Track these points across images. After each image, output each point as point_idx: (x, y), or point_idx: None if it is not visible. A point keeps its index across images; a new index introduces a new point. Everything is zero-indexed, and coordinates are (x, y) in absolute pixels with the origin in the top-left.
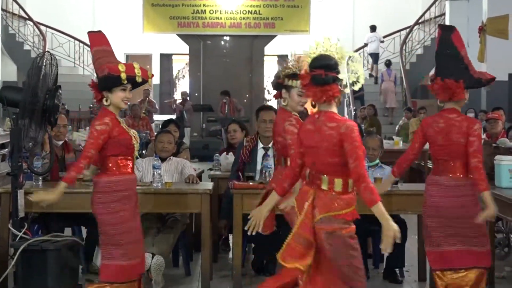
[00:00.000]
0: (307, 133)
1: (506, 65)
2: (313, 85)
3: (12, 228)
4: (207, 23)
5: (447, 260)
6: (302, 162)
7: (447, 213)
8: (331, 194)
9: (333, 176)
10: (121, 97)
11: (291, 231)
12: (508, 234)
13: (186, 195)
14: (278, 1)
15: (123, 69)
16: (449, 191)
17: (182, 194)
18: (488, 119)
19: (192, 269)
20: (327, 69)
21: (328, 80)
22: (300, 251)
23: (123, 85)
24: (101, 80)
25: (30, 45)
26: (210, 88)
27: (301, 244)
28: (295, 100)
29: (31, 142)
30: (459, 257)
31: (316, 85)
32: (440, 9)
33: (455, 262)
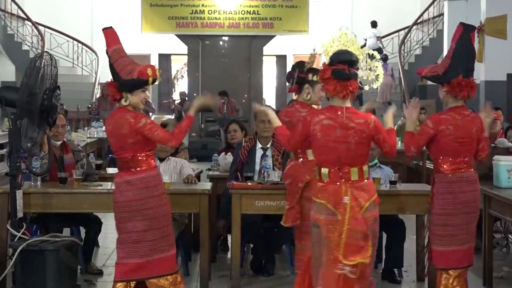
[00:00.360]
0: (327, 128)
1: (504, 65)
2: (334, 79)
3: (10, 229)
4: (205, 23)
5: (456, 259)
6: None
7: (469, 208)
8: (364, 182)
9: (361, 165)
10: (141, 98)
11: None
12: (506, 234)
13: (185, 195)
14: (277, 1)
15: (151, 73)
16: (470, 185)
17: (180, 194)
18: None
19: (191, 269)
20: (350, 64)
21: (351, 76)
22: (359, 246)
23: (144, 87)
24: (127, 82)
25: (28, 45)
26: (208, 88)
27: (358, 239)
28: (318, 95)
29: (30, 143)
30: (469, 254)
31: (338, 79)
32: (438, 9)
33: (464, 260)
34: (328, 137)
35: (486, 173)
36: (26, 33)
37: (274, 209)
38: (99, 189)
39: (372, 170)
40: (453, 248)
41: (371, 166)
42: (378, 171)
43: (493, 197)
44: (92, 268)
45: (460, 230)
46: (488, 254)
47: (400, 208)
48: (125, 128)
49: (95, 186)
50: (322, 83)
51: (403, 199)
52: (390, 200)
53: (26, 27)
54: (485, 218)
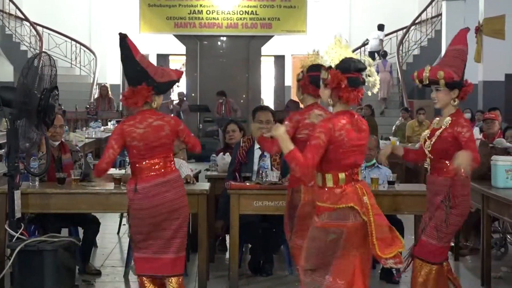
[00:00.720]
0: (350, 133)
1: (502, 65)
2: (349, 87)
3: (8, 229)
4: (203, 23)
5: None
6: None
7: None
8: (363, 180)
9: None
10: (162, 99)
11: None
12: (504, 234)
13: None
14: (275, 1)
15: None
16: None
17: None
18: (485, 119)
19: (189, 269)
20: (361, 72)
21: (363, 83)
22: (390, 238)
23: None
24: (164, 85)
25: (26, 45)
26: (207, 88)
27: (386, 232)
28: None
29: (28, 143)
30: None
31: (353, 87)
32: (437, 10)
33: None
34: (352, 141)
35: (485, 173)
36: (24, 33)
37: (272, 209)
38: (97, 189)
39: (370, 170)
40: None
41: (369, 166)
42: (376, 171)
43: (491, 197)
44: (90, 269)
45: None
46: (486, 254)
47: (398, 208)
48: (166, 130)
49: (93, 187)
50: (333, 90)
51: (401, 199)
52: (388, 200)
53: (24, 27)
54: (483, 218)
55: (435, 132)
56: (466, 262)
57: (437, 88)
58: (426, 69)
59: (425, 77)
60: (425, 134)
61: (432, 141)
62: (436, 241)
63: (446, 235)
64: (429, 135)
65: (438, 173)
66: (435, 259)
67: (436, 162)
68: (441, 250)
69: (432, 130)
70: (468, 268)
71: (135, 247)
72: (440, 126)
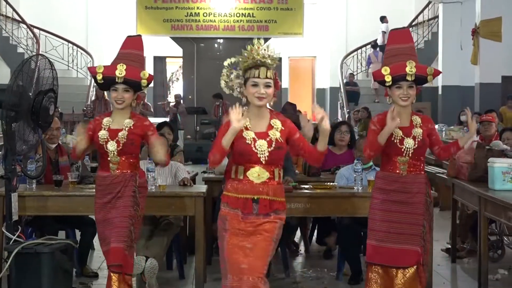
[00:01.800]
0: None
1: (499, 68)
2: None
3: (5, 231)
4: (200, 25)
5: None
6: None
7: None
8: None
9: None
10: (113, 97)
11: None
12: (501, 236)
13: (180, 198)
14: (272, 4)
15: (101, 70)
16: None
17: (176, 197)
18: (482, 121)
19: (186, 272)
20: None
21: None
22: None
23: (113, 86)
24: (94, 81)
25: (23, 48)
26: (203, 90)
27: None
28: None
29: (25, 145)
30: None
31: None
32: (433, 12)
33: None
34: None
35: (482, 175)
36: (21, 35)
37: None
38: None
39: (367, 172)
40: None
41: (366, 169)
42: (373, 173)
43: (488, 199)
44: (87, 271)
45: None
46: (483, 257)
47: None
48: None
49: (90, 189)
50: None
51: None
52: None
53: (21, 29)
54: (480, 221)
55: (411, 130)
56: (463, 265)
57: (410, 85)
58: (409, 64)
59: (411, 73)
60: (399, 134)
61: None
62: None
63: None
64: (402, 133)
65: (416, 171)
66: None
67: (416, 161)
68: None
69: (404, 129)
70: (465, 270)
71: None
72: (408, 124)
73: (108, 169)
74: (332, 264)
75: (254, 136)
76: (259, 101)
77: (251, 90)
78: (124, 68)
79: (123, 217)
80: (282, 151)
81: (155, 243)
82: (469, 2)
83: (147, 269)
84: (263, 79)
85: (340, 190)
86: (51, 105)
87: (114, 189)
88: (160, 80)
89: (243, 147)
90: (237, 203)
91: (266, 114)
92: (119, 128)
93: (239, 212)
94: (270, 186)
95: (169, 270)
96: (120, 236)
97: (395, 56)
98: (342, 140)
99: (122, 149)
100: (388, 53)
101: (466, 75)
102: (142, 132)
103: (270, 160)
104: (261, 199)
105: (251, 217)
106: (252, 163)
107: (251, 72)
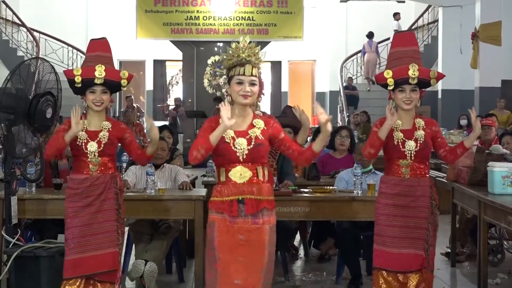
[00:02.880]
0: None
1: (498, 71)
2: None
3: (5, 235)
4: (200, 29)
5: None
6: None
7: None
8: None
9: None
10: (90, 99)
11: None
12: (501, 241)
13: (179, 202)
14: (272, 7)
15: (79, 73)
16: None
17: (175, 201)
18: (482, 125)
19: (186, 275)
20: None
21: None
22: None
23: (91, 88)
24: (70, 85)
25: (23, 51)
26: (203, 94)
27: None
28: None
29: (24, 149)
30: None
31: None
32: (433, 16)
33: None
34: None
35: (481, 179)
36: (21, 39)
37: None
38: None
39: (366, 176)
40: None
41: (366, 172)
42: (373, 177)
43: (487, 204)
44: None
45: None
46: (483, 261)
47: None
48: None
49: None
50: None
51: None
52: None
53: (21, 33)
54: (479, 225)
55: (413, 133)
56: (463, 269)
57: (413, 89)
58: (412, 67)
59: (414, 76)
60: (401, 137)
61: (418, 143)
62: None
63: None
64: (403, 136)
65: (420, 174)
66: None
67: (420, 163)
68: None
69: (406, 132)
70: (465, 275)
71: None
72: (411, 127)
73: (86, 171)
74: (332, 268)
75: (233, 135)
76: (244, 99)
77: (235, 88)
78: (103, 69)
79: (111, 221)
80: (262, 147)
81: (155, 247)
82: (469, 6)
83: (146, 273)
84: (248, 76)
85: (340, 194)
86: (47, 108)
87: (94, 192)
88: (159, 84)
89: (221, 146)
90: (222, 206)
91: (249, 113)
92: (97, 129)
93: (226, 216)
94: (255, 184)
95: (168, 273)
96: (112, 240)
97: (398, 59)
98: (343, 144)
99: (103, 150)
100: (392, 56)
101: (466, 79)
102: (120, 134)
103: (250, 158)
104: (246, 199)
105: (239, 220)
106: (232, 163)
107: (235, 69)
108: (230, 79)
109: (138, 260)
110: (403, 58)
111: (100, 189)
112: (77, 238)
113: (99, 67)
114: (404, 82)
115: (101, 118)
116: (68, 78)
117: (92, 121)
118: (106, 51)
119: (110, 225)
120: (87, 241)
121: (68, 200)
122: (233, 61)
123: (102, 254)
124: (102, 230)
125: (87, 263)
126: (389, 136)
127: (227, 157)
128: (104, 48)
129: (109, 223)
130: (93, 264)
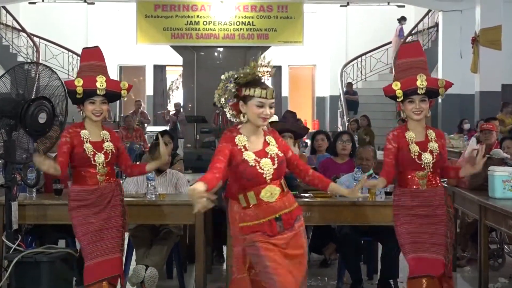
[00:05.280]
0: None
1: (499, 76)
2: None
3: (5, 240)
4: (200, 34)
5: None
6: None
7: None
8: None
9: None
10: (90, 110)
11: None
12: (501, 245)
13: (180, 207)
14: (272, 12)
15: (80, 83)
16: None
17: (175, 206)
18: (482, 130)
19: (186, 280)
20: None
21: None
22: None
23: (91, 98)
24: (69, 95)
25: (23, 56)
26: (203, 99)
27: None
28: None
29: (25, 154)
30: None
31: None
32: (433, 20)
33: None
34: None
35: (482, 183)
36: (21, 44)
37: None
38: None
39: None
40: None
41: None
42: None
43: (488, 208)
44: None
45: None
46: (483, 265)
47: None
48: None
49: None
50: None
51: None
52: (385, 210)
53: (21, 38)
54: (480, 229)
55: (426, 145)
56: (464, 273)
57: (423, 99)
58: (420, 78)
59: (422, 87)
60: (416, 150)
61: (433, 155)
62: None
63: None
64: (419, 148)
65: (436, 184)
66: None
67: (434, 174)
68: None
69: (420, 144)
70: (465, 279)
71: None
72: (423, 139)
73: (95, 181)
74: (333, 273)
75: (255, 157)
76: (263, 122)
77: (255, 110)
78: (104, 79)
79: (118, 227)
80: (284, 164)
81: (155, 252)
82: (469, 10)
83: (147, 278)
84: (270, 99)
85: (341, 198)
86: (40, 113)
87: (104, 201)
88: (160, 89)
89: (248, 170)
90: (260, 228)
91: (261, 131)
92: (98, 140)
93: (264, 234)
94: (285, 199)
95: (169, 279)
96: (117, 246)
97: (406, 70)
98: (345, 148)
99: (109, 161)
100: (399, 68)
101: (466, 83)
102: (118, 144)
103: (276, 176)
104: (283, 214)
105: (278, 236)
106: (260, 184)
107: (255, 90)
108: (247, 98)
109: (139, 266)
110: (411, 69)
111: (108, 197)
112: (92, 244)
113: (100, 78)
114: (413, 92)
115: (99, 128)
116: (69, 89)
117: (91, 131)
118: (100, 61)
119: (117, 231)
120: (100, 246)
121: (76, 211)
122: (248, 79)
123: (112, 259)
124: (110, 236)
125: (104, 266)
126: (405, 150)
127: (255, 180)
128: (98, 57)
129: (116, 229)
130: (107, 268)
